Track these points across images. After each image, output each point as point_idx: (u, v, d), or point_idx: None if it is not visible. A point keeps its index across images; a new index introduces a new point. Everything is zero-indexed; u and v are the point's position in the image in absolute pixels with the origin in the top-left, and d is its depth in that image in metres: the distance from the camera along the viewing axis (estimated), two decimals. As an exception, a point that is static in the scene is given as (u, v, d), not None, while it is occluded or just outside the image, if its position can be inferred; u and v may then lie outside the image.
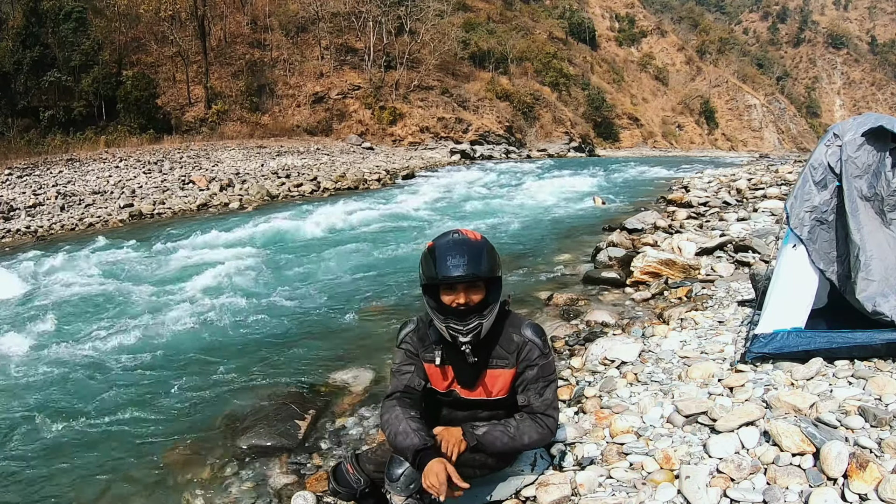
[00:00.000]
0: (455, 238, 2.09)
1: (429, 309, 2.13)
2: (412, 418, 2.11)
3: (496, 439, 2.14)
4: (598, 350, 3.81)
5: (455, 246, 2.05)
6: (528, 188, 17.49)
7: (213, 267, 7.36)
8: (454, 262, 2.01)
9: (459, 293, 2.06)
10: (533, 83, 56.59)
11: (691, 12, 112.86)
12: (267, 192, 16.90)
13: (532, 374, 2.19)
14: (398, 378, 2.26)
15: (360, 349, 4.61)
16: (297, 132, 37.84)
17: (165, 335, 5.08)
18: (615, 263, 6.47)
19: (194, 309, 5.71)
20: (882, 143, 3.05)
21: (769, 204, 9.79)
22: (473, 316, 2.06)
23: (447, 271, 2.01)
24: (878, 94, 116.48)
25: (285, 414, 3.53)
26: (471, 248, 2.05)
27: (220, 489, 2.92)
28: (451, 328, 2.07)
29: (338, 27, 46.19)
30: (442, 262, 2.02)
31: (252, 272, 7.24)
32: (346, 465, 2.29)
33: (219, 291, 6.55)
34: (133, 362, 4.52)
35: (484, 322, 2.08)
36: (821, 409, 2.49)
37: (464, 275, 2.01)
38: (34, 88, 28.53)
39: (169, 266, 7.95)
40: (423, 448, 2.01)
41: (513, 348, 2.19)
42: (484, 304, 2.08)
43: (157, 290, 6.63)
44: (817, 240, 3.16)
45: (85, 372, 4.34)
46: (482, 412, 2.31)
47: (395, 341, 2.36)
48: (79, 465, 3.16)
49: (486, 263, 2.05)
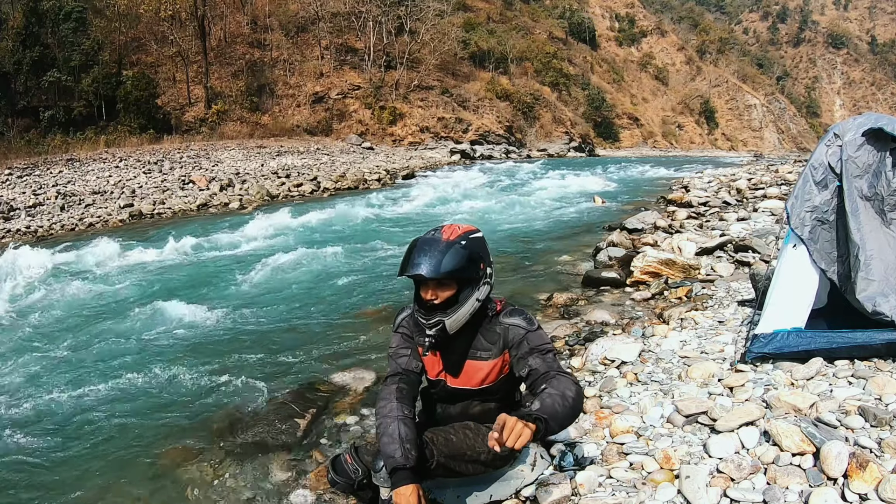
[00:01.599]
0: (429, 237, 2.16)
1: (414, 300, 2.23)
2: (404, 420, 2.14)
3: (552, 404, 1.92)
4: (598, 350, 3.81)
5: (423, 244, 2.12)
6: (529, 188, 17.49)
7: (213, 267, 7.36)
8: (416, 260, 2.09)
9: (428, 289, 2.13)
10: (533, 83, 56.59)
11: (691, 12, 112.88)
12: (267, 192, 16.90)
13: (525, 348, 2.18)
14: (395, 360, 2.34)
15: (361, 349, 4.61)
16: (297, 132, 37.85)
17: (164, 335, 5.08)
18: (615, 263, 6.47)
19: (193, 309, 5.71)
20: (882, 143, 3.05)
21: (769, 204, 9.79)
22: (436, 312, 2.12)
23: (407, 269, 2.11)
24: (878, 94, 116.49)
25: (285, 413, 3.53)
26: (435, 247, 2.09)
27: (220, 487, 2.92)
28: (420, 320, 2.17)
29: (338, 27, 46.18)
30: (407, 259, 2.12)
31: (252, 272, 7.24)
32: (346, 456, 2.31)
33: (218, 291, 6.55)
34: (132, 362, 4.52)
35: (446, 320, 2.12)
36: (821, 408, 2.49)
37: (421, 273, 2.07)
38: (34, 88, 28.55)
39: (168, 266, 7.95)
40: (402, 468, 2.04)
41: (495, 338, 2.23)
42: (451, 301, 2.12)
43: (156, 290, 6.63)
44: (818, 239, 3.16)
45: (84, 371, 4.34)
46: (474, 405, 2.34)
47: (392, 326, 2.43)
48: (79, 464, 3.16)
49: (448, 264, 2.07)
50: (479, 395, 2.32)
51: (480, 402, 2.34)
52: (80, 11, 30.56)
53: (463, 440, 2.25)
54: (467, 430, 2.29)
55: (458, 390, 2.32)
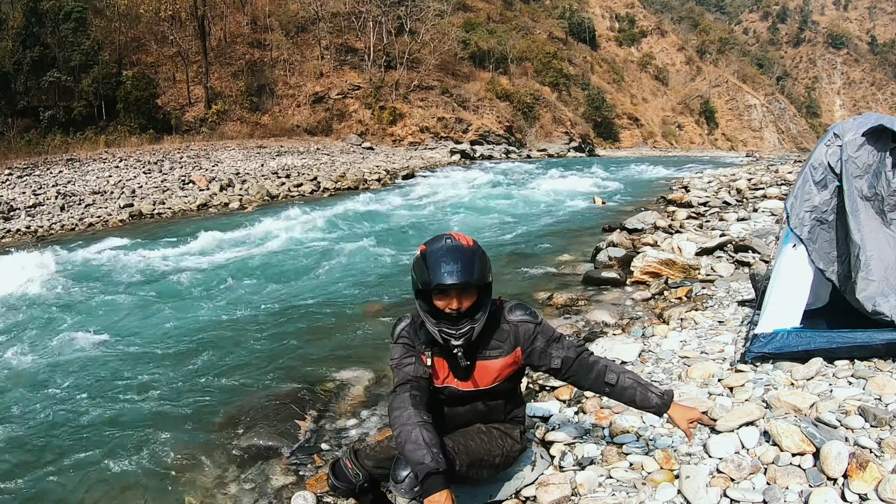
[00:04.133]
0: (448, 244, 2.10)
1: (421, 312, 2.15)
2: (425, 426, 2.04)
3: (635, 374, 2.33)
4: (598, 350, 3.81)
5: (448, 252, 2.07)
6: (529, 188, 17.48)
7: (213, 267, 7.36)
8: (448, 268, 2.03)
9: (452, 299, 2.08)
10: (533, 83, 56.54)
11: (691, 12, 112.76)
12: (267, 192, 16.90)
13: (540, 343, 2.23)
14: (402, 370, 2.24)
15: (361, 349, 4.61)
16: (297, 132, 37.82)
17: (164, 335, 5.08)
18: (615, 263, 6.47)
19: (194, 309, 5.71)
20: (882, 143, 3.05)
21: (769, 204, 9.79)
22: (465, 320, 2.09)
23: (441, 278, 2.03)
24: (878, 94, 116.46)
25: (285, 414, 3.53)
26: (464, 254, 2.07)
27: (221, 489, 2.92)
28: (444, 332, 2.10)
29: (338, 27, 46.14)
30: (435, 269, 2.04)
31: (252, 272, 7.24)
32: (345, 461, 2.28)
33: (218, 291, 6.55)
34: (132, 362, 4.52)
35: (475, 326, 2.11)
36: (821, 408, 2.49)
37: (458, 282, 2.03)
38: (34, 88, 28.53)
39: (168, 266, 7.95)
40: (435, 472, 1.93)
41: (504, 336, 2.23)
42: (475, 308, 2.11)
43: (156, 290, 6.63)
44: (817, 239, 3.16)
45: (83, 371, 4.34)
46: (481, 405, 2.32)
47: (392, 338, 2.36)
48: (79, 465, 3.16)
49: (478, 270, 2.07)
50: (488, 394, 2.30)
51: (488, 400, 2.32)
52: (80, 11, 30.50)
53: (480, 444, 2.24)
54: (482, 434, 2.29)
55: (468, 393, 2.28)
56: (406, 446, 1.99)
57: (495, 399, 2.33)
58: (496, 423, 2.36)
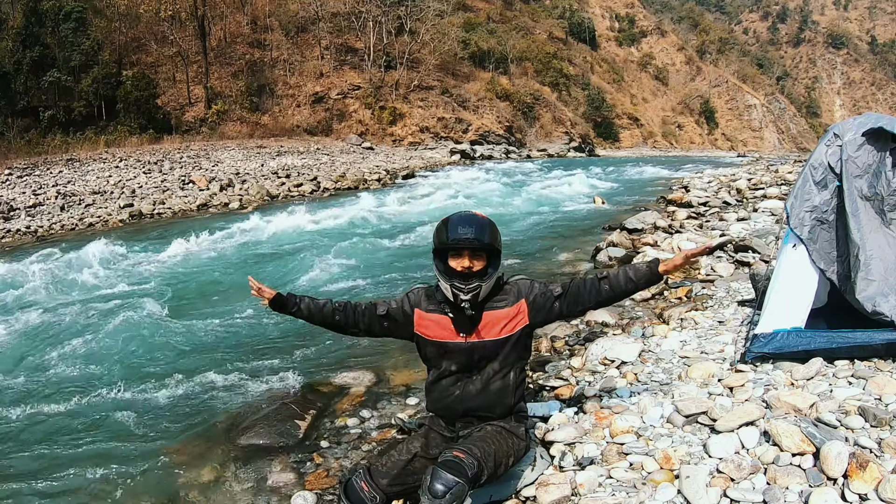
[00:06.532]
0: (466, 213, 2.46)
1: (437, 272, 2.41)
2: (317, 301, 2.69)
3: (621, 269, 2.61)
4: (598, 350, 3.81)
5: (465, 217, 2.41)
6: (528, 188, 17.48)
7: (213, 267, 7.36)
8: (464, 229, 2.34)
9: (464, 258, 2.33)
10: (533, 83, 56.56)
11: (691, 12, 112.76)
12: (267, 192, 16.90)
13: (538, 288, 2.50)
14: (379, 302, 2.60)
15: (361, 349, 4.61)
16: (297, 132, 37.83)
17: (165, 335, 5.08)
18: (615, 263, 6.47)
19: (194, 309, 5.71)
20: (882, 143, 3.05)
21: (769, 204, 9.78)
22: (475, 279, 2.33)
23: (457, 234, 2.33)
24: (878, 94, 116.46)
25: (285, 414, 3.53)
26: (478, 220, 2.39)
27: (221, 488, 2.92)
28: (455, 286, 2.34)
29: (338, 27, 46.15)
30: (453, 228, 2.35)
31: (251, 272, 7.24)
32: (360, 483, 2.24)
33: (218, 291, 6.55)
34: (132, 362, 4.52)
35: (483, 285, 2.35)
36: (821, 409, 2.49)
37: (471, 238, 2.32)
38: (34, 88, 28.53)
39: (168, 266, 7.95)
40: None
41: (508, 292, 2.48)
42: (484, 271, 2.36)
43: (156, 290, 6.63)
44: (817, 239, 3.16)
45: (83, 372, 4.35)
46: (494, 380, 2.41)
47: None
48: (79, 465, 3.16)
49: (489, 235, 2.36)
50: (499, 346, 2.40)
51: (500, 374, 2.41)
52: (80, 11, 30.50)
53: (499, 448, 2.31)
54: (498, 436, 2.35)
55: (476, 345, 2.39)
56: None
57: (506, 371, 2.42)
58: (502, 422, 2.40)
